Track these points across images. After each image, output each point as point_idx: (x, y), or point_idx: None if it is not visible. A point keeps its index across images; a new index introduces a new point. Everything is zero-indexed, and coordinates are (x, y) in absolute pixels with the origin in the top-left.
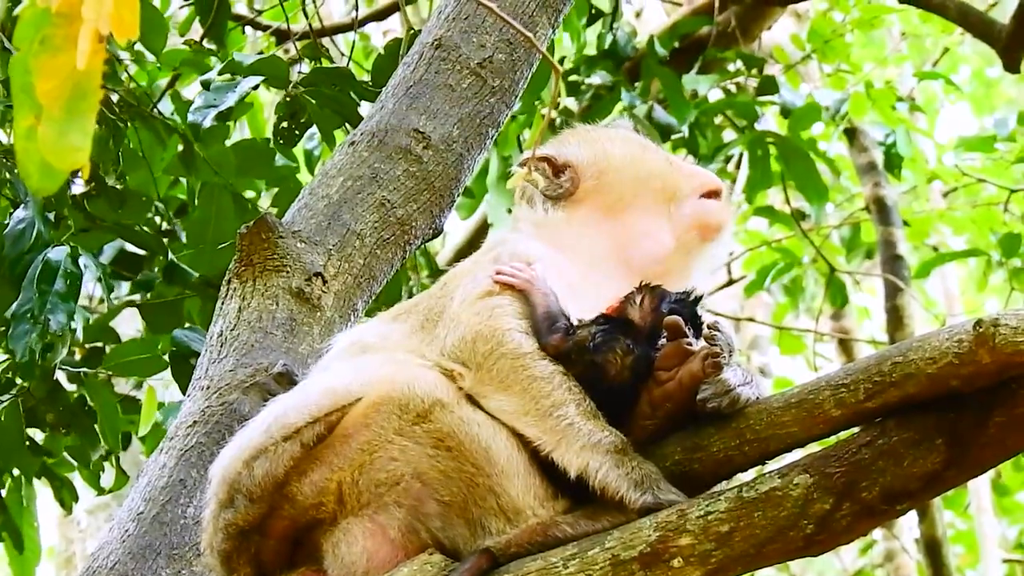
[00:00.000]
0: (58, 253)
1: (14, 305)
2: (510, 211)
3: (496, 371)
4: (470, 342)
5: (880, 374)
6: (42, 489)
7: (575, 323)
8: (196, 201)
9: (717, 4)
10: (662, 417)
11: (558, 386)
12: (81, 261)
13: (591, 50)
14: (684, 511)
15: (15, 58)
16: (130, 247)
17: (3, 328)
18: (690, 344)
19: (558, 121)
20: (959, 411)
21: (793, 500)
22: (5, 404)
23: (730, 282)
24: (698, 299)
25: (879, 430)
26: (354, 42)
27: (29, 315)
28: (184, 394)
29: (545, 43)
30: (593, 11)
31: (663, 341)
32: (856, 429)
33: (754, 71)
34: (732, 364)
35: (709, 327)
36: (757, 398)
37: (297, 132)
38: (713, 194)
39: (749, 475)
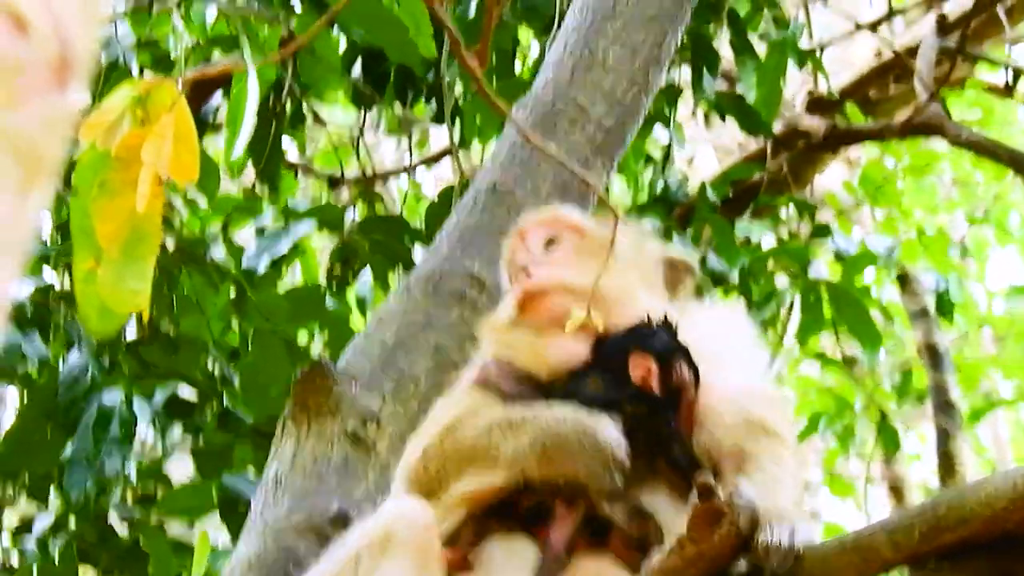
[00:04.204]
0: (112, 398)
1: (69, 450)
2: None
3: None
4: None
5: (935, 518)
6: None
7: None
8: (248, 346)
9: (769, 151)
10: None
11: None
12: (135, 406)
13: (643, 194)
14: None
15: (75, 201)
16: (182, 392)
17: (57, 471)
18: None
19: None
20: (1013, 553)
21: None
22: (59, 547)
23: None
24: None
25: (933, 572)
26: (407, 193)
27: (85, 459)
28: (235, 539)
29: (601, 188)
30: (646, 157)
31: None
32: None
33: (806, 217)
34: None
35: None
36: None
37: (350, 277)
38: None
39: None
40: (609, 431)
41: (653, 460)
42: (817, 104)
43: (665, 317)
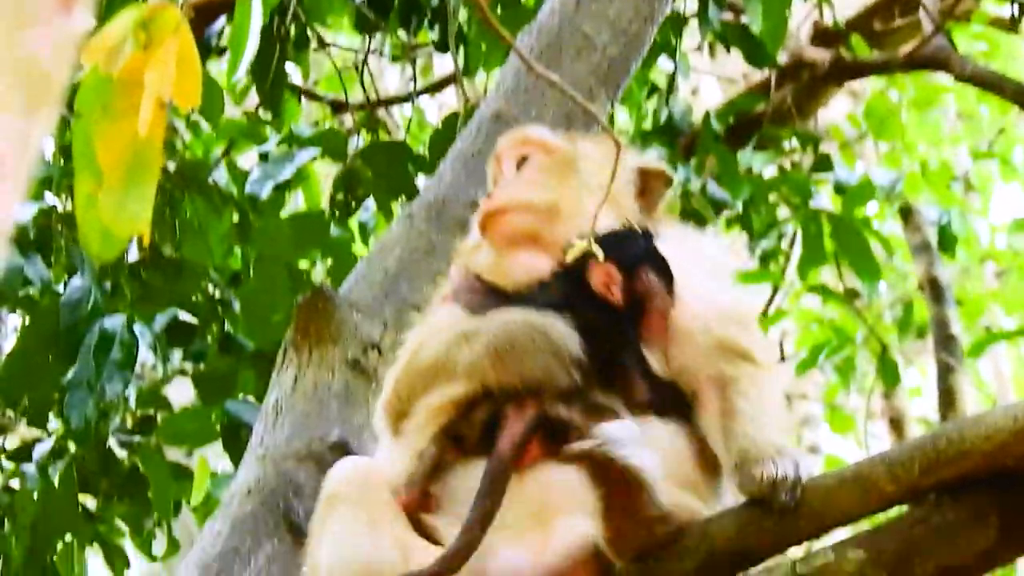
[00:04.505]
0: (114, 322)
1: (70, 373)
2: None
3: None
4: None
5: (935, 451)
6: (93, 556)
7: None
8: (251, 272)
9: (773, 82)
10: None
11: None
12: (136, 329)
13: (647, 124)
14: None
15: (77, 125)
16: (183, 316)
17: (58, 395)
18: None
19: None
20: (1013, 489)
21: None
22: (59, 471)
23: (782, 359)
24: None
25: (933, 507)
26: (411, 120)
27: (85, 384)
28: (236, 465)
29: (604, 117)
30: (650, 86)
31: None
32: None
33: (809, 149)
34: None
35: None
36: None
37: (353, 204)
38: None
39: (800, 551)
40: (560, 327)
41: (610, 369)
42: (822, 36)
43: (638, 226)
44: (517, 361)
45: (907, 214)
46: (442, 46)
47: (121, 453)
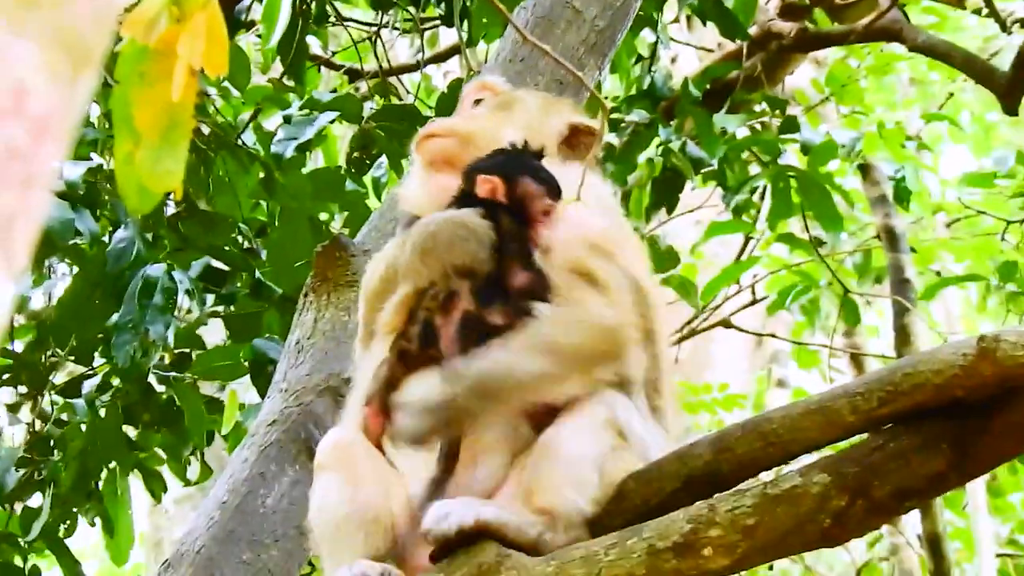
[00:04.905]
0: (156, 269)
1: (116, 316)
2: None
3: None
4: None
5: (892, 384)
6: (134, 481)
7: None
8: (276, 223)
9: (745, 51)
10: None
11: None
12: (174, 276)
13: (631, 90)
14: (714, 506)
15: (116, 90)
16: (216, 264)
17: (103, 336)
18: None
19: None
20: (962, 419)
21: (812, 497)
22: (105, 404)
23: (753, 302)
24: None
25: (890, 435)
26: (420, 83)
27: (130, 325)
28: (262, 398)
29: (592, 83)
30: (636, 56)
31: None
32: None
33: (777, 112)
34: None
35: None
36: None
37: (368, 162)
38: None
39: (770, 475)
40: (475, 218)
41: (509, 260)
42: (789, 10)
43: (522, 144)
44: (443, 252)
45: (866, 170)
46: (447, 20)
47: (160, 387)
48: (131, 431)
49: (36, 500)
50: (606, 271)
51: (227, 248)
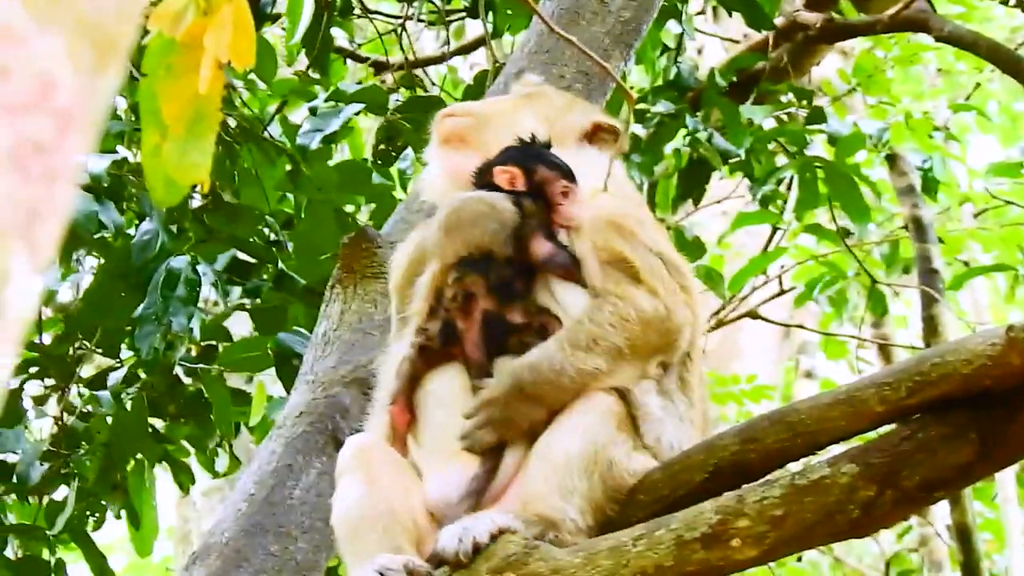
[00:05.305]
0: (180, 262)
1: (140, 308)
2: None
3: None
4: None
5: (920, 373)
6: (162, 473)
7: None
8: (302, 215)
9: (771, 42)
10: None
11: None
12: (199, 268)
13: (657, 81)
14: (742, 497)
15: (144, 83)
16: (241, 256)
17: (129, 328)
18: None
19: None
20: (990, 408)
21: (840, 487)
22: (131, 397)
23: (781, 292)
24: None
25: (918, 425)
26: (445, 75)
27: (154, 317)
28: (288, 390)
29: (618, 75)
30: (661, 47)
31: None
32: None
33: (804, 102)
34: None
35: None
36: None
37: (394, 154)
38: None
39: (798, 465)
40: (501, 199)
41: (533, 234)
42: (815, 0)
43: (530, 136)
44: (467, 227)
45: (893, 160)
46: (473, 12)
47: (186, 380)
48: (158, 423)
49: (62, 493)
50: (640, 257)
51: (253, 240)
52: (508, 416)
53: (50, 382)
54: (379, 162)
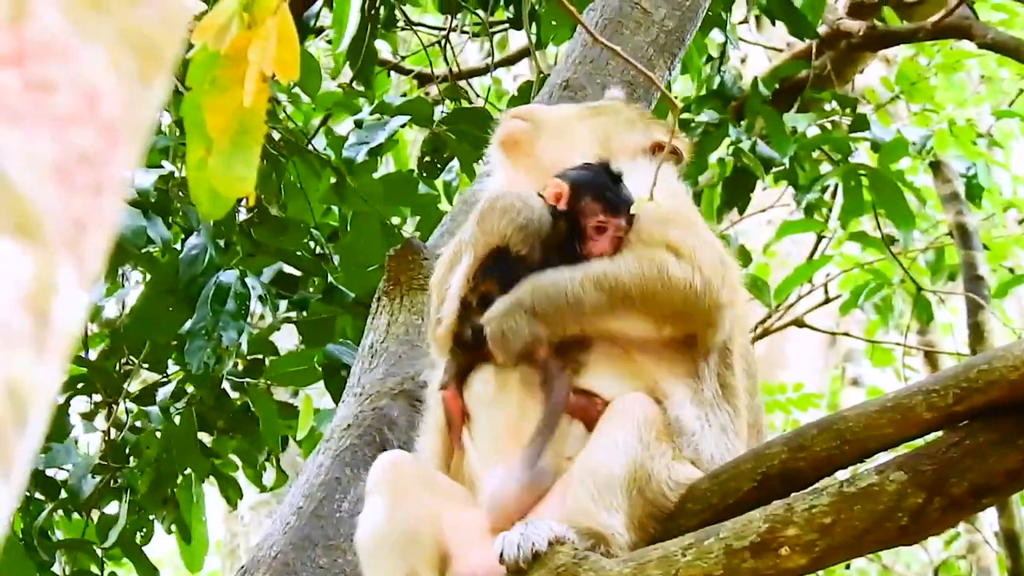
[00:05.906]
0: (228, 276)
1: (189, 323)
2: None
3: None
4: None
5: (967, 380)
6: (209, 487)
7: None
8: (348, 228)
9: (814, 50)
10: None
11: None
12: (248, 282)
13: (701, 91)
14: (791, 505)
15: (188, 96)
16: (288, 269)
17: (176, 343)
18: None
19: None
20: None
21: (889, 495)
22: (180, 411)
23: (826, 300)
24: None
25: (966, 432)
26: (490, 87)
27: (203, 332)
28: (336, 403)
29: (663, 84)
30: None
31: None
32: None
33: (848, 110)
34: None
35: None
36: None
37: (439, 165)
38: None
39: (846, 473)
40: (538, 202)
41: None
42: (858, 8)
43: (606, 163)
44: (498, 218)
45: (937, 168)
46: (516, 23)
47: (234, 394)
48: (206, 438)
49: (113, 508)
50: (689, 243)
51: (299, 253)
52: (516, 329)
53: (97, 398)
54: (424, 174)
